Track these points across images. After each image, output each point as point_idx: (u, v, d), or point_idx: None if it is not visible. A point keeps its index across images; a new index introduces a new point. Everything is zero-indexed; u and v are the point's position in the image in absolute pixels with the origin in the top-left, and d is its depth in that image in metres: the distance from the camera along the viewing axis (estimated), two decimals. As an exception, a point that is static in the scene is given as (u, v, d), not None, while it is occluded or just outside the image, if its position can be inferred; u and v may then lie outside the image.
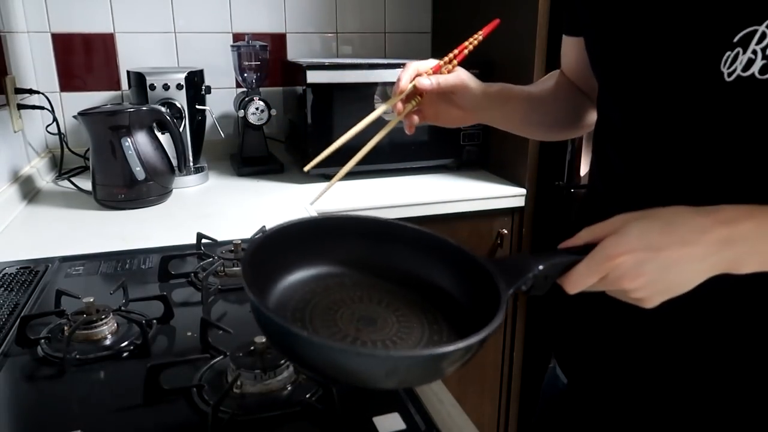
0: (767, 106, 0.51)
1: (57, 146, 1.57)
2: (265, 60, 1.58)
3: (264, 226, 0.99)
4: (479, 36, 0.80)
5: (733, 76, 0.51)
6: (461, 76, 0.77)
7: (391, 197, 1.41)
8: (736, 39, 0.50)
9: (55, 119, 1.51)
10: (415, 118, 0.79)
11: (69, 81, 1.63)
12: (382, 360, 0.42)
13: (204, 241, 0.96)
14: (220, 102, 1.72)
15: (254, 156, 1.64)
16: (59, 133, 1.53)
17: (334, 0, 1.81)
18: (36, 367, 0.67)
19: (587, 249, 0.50)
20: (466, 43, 0.79)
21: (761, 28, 0.49)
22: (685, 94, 0.56)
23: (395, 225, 0.60)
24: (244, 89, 1.63)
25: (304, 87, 1.46)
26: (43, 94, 1.49)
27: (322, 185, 0.77)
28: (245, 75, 1.58)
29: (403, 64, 0.81)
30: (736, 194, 0.50)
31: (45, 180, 1.50)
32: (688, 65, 0.55)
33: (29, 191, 1.37)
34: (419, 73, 0.76)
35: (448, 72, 0.77)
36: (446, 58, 0.78)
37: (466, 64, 0.78)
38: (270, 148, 1.69)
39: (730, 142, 0.55)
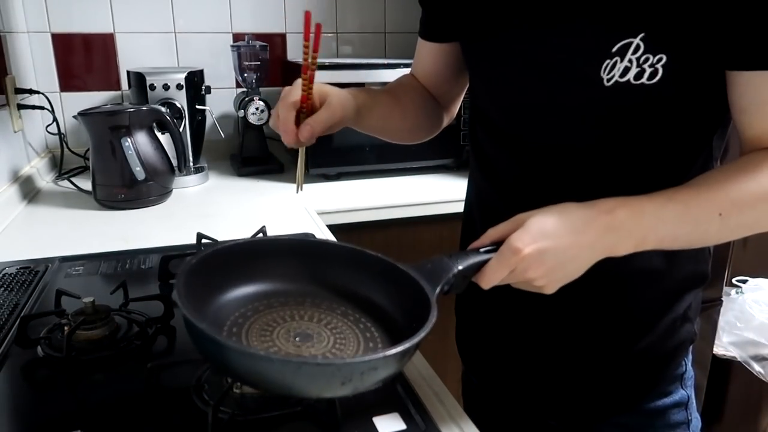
0: (642, 108, 0.59)
1: (57, 146, 1.57)
2: (265, 60, 1.58)
3: (264, 227, 0.99)
4: (313, 54, 0.65)
5: (612, 81, 0.58)
6: (332, 105, 0.68)
7: (391, 197, 1.41)
8: (614, 49, 0.57)
9: (55, 119, 1.51)
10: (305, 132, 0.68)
11: (69, 81, 1.63)
12: (336, 368, 0.44)
13: (204, 241, 0.96)
14: (220, 102, 1.72)
15: (254, 156, 1.64)
16: (59, 133, 1.53)
17: (334, 0, 1.81)
18: (36, 367, 0.67)
19: (495, 247, 0.55)
20: (309, 63, 0.65)
21: (636, 41, 0.56)
22: (568, 97, 0.62)
23: (322, 243, 0.63)
24: (244, 89, 1.62)
25: (304, 87, 1.46)
26: (43, 94, 1.49)
27: (323, 185, 0.77)
28: (245, 75, 1.58)
29: (404, 65, 0.82)
30: (609, 187, 0.58)
31: (45, 180, 1.50)
32: (572, 72, 0.61)
33: (29, 191, 1.37)
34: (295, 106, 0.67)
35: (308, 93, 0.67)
36: (305, 81, 0.66)
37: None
38: (270, 148, 1.69)
39: (607, 140, 0.63)
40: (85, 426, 0.56)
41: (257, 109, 1.55)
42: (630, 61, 0.56)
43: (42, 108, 1.48)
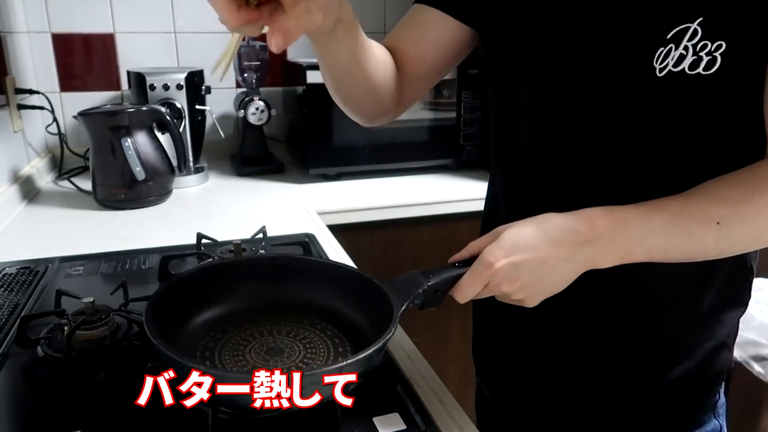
0: (695, 101, 0.54)
1: (57, 146, 1.57)
2: (265, 60, 1.58)
3: (264, 227, 0.99)
4: None
5: (665, 71, 0.53)
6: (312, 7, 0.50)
7: (391, 197, 1.41)
8: (669, 36, 0.52)
9: (55, 119, 1.51)
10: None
11: (69, 81, 1.63)
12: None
13: (204, 241, 0.96)
14: (220, 102, 1.72)
15: (254, 156, 1.64)
16: (59, 133, 1.53)
17: (334, 0, 1.80)
18: (36, 367, 0.67)
19: (472, 261, 0.54)
20: None
21: (693, 26, 0.51)
22: (614, 91, 0.58)
23: (293, 258, 0.67)
24: (244, 89, 1.63)
25: (304, 87, 1.46)
26: (43, 94, 1.49)
27: (322, 186, 0.77)
28: (245, 75, 1.58)
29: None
30: (647, 192, 0.54)
31: (45, 180, 1.50)
32: (621, 62, 0.56)
33: (29, 191, 1.37)
34: None
35: None
36: None
37: (464, 62, 0.77)
38: (270, 148, 1.69)
39: (656, 136, 0.57)
40: (85, 426, 0.56)
41: (257, 109, 1.55)
42: (686, 48, 0.52)
43: (42, 108, 1.48)
